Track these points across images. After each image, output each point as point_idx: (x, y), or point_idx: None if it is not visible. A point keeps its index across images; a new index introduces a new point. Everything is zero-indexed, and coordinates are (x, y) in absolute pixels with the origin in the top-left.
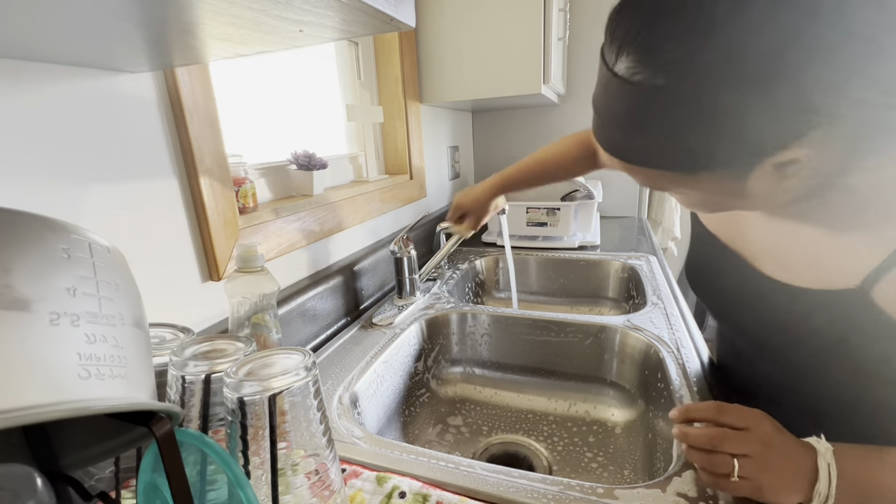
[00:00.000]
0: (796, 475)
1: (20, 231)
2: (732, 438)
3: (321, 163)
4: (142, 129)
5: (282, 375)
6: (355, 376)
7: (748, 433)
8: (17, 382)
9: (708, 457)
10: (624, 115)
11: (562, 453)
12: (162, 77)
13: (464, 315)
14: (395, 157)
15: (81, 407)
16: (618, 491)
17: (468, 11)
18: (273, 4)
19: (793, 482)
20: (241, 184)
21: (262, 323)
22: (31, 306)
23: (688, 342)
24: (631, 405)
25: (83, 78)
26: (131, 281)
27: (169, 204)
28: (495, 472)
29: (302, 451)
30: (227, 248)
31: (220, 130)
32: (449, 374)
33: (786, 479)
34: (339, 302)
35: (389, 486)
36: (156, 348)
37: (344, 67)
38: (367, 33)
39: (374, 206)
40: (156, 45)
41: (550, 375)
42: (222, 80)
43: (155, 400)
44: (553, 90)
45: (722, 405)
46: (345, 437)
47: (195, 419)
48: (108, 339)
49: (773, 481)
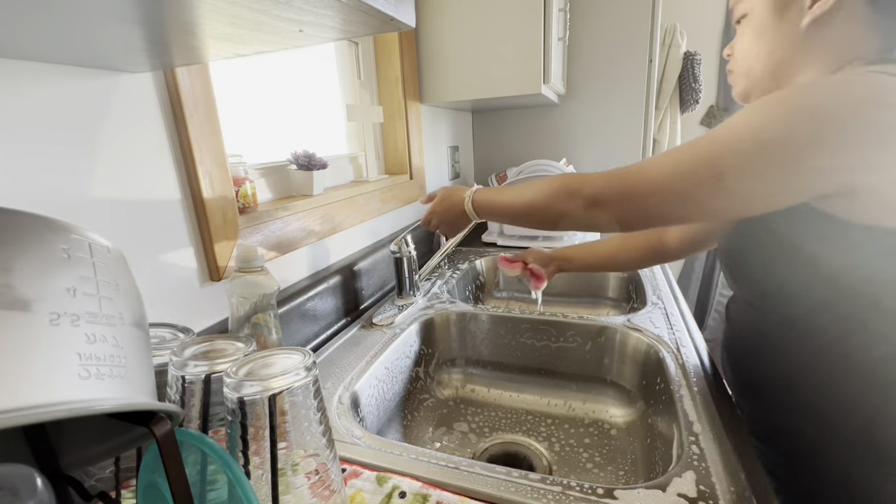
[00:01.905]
0: (458, 212)
1: (20, 231)
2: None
3: (321, 163)
4: (142, 129)
5: (282, 375)
6: (355, 376)
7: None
8: (17, 382)
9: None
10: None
11: (562, 453)
12: (162, 77)
13: (464, 315)
14: (395, 157)
15: (81, 407)
16: (618, 491)
17: (468, 11)
18: (273, 4)
19: (457, 215)
20: (241, 184)
21: (262, 323)
22: (32, 306)
23: (688, 342)
24: (631, 405)
25: (83, 78)
26: (131, 281)
27: (169, 204)
28: (495, 472)
29: (302, 451)
30: (227, 248)
31: (220, 130)
32: (449, 375)
33: (453, 216)
34: (339, 302)
35: (389, 486)
36: (156, 348)
37: (344, 67)
38: (367, 33)
39: (374, 206)
40: (156, 45)
41: (550, 375)
42: (222, 80)
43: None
44: (553, 90)
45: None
46: (345, 437)
47: (195, 419)
48: (108, 339)
49: (446, 220)
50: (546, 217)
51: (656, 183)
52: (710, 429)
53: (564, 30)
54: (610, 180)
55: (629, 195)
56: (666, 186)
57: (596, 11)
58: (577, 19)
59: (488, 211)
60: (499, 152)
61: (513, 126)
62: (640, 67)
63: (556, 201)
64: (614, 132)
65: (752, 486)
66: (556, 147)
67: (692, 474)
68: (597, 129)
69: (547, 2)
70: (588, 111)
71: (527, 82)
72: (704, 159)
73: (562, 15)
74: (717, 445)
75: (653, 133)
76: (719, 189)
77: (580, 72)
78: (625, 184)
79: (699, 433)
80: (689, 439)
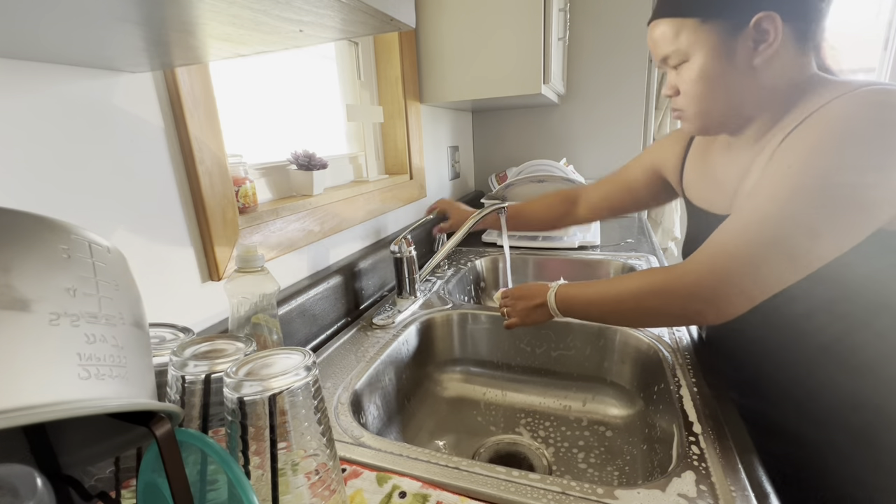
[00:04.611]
0: (538, 305)
1: (20, 231)
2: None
3: (321, 163)
4: (142, 129)
5: (282, 375)
6: (355, 376)
7: (508, 299)
8: (17, 382)
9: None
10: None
11: (561, 453)
12: (162, 77)
13: (464, 315)
14: (395, 157)
15: (81, 407)
16: (618, 491)
17: (468, 11)
18: (273, 4)
19: (536, 310)
20: (241, 184)
21: (262, 323)
22: (31, 306)
23: (688, 342)
24: (631, 405)
25: (83, 78)
26: (131, 281)
27: (169, 204)
28: (495, 472)
29: (302, 451)
30: (227, 248)
31: (220, 130)
32: (449, 374)
33: (531, 311)
34: (339, 302)
35: (389, 486)
36: (156, 348)
37: (344, 67)
38: (367, 33)
39: (374, 206)
40: (156, 45)
41: (550, 375)
42: (222, 79)
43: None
44: (553, 90)
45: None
46: (345, 437)
47: (195, 419)
48: (107, 339)
49: (527, 314)
50: (639, 315)
51: (746, 258)
52: (710, 429)
53: (564, 30)
54: (700, 270)
55: (726, 283)
56: (755, 259)
57: (596, 11)
58: (577, 19)
59: (572, 309)
60: (499, 152)
61: (513, 126)
62: (640, 67)
63: (648, 300)
64: (614, 132)
65: (752, 486)
66: (556, 147)
67: (692, 474)
68: (597, 129)
69: (547, 2)
70: (588, 111)
71: (527, 82)
72: (780, 223)
73: (562, 15)
74: (718, 445)
75: (653, 133)
76: (808, 246)
77: (580, 72)
78: (717, 269)
79: (699, 433)
80: (689, 439)
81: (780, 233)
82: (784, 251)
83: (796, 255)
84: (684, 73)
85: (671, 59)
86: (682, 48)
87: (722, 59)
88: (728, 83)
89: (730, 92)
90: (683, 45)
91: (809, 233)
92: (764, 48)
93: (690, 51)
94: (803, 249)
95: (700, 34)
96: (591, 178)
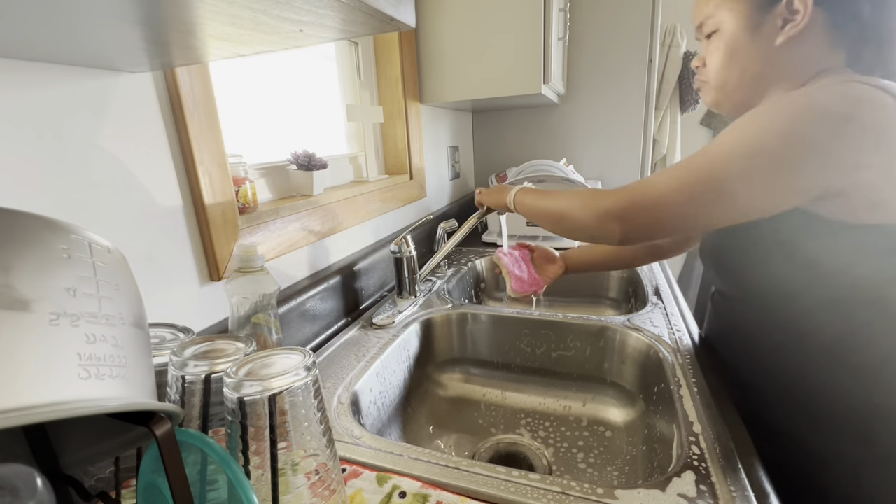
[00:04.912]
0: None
1: (20, 231)
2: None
3: (321, 163)
4: (142, 129)
5: (282, 375)
6: (355, 376)
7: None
8: (17, 382)
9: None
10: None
11: (562, 453)
12: (162, 77)
13: (464, 315)
14: (395, 157)
15: (81, 407)
16: (618, 491)
17: (468, 11)
18: (273, 4)
19: (498, 194)
20: (241, 184)
21: (262, 323)
22: (31, 306)
23: (688, 342)
24: (631, 405)
25: (83, 78)
26: (131, 281)
27: (169, 204)
28: (495, 472)
29: (302, 451)
30: (227, 248)
31: (220, 130)
32: (449, 375)
33: (493, 193)
34: (339, 302)
35: (389, 486)
36: (156, 348)
37: (344, 67)
38: (367, 33)
39: (374, 206)
40: (156, 45)
41: (550, 375)
42: (222, 80)
43: (155, 400)
44: (553, 90)
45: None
46: (345, 437)
47: (195, 419)
48: (107, 339)
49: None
50: (566, 226)
51: (657, 196)
52: (710, 429)
53: (564, 30)
54: (619, 195)
55: (634, 209)
56: (666, 198)
57: (596, 11)
58: (577, 19)
59: (524, 206)
60: (499, 152)
61: (513, 126)
62: (640, 67)
63: (574, 210)
64: (614, 132)
65: (752, 486)
66: (556, 147)
67: (692, 474)
68: (597, 129)
69: (547, 2)
70: (588, 111)
71: (527, 82)
72: (700, 174)
73: (562, 15)
74: (718, 445)
75: (653, 133)
76: (716, 200)
77: (580, 72)
78: (631, 198)
79: (699, 433)
80: (689, 439)
81: (711, 169)
82: (712, 187)
83: (723, 192)
84: (713, 42)
85: (705, 27)
86: (716, 17)
87: (748, 32)
88: (748, 56)
89: (748, 65)
90: (718, 12)
91: (739, 176)
92: (790, 28)
93: (723, 20)
94: (731, 189)
95: (731, 3)
96: (591, 178)
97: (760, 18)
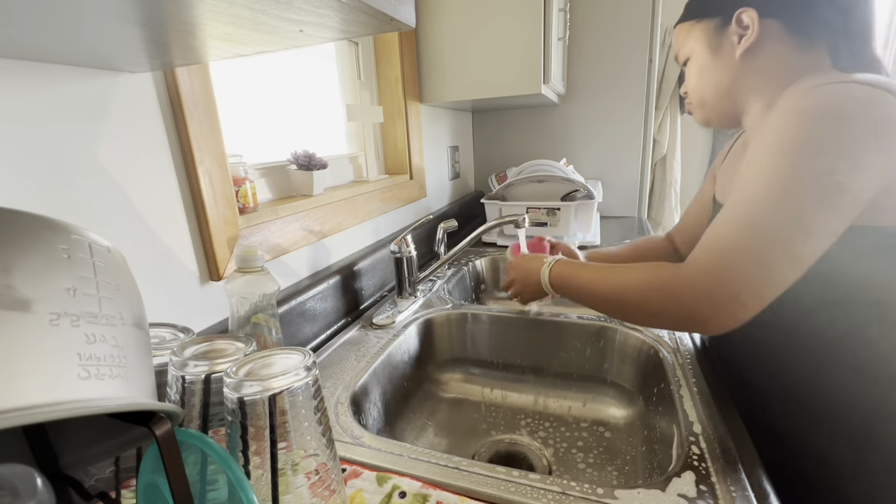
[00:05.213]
0: (536, 283)
1: (20, 231)
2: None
3: (321, 163)
4: (141, 129)
5: (282, 375)
6: (355, 376)
7: (510, 272)
8: (17, 382)
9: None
10: None
11: (561, 453)
12: (162, 77)
13: (464, 315)
14: (395, 157)
15: (81, 407)
16: (618, 491)
17: (468, 11)
18: (273, 4)
19: (535, 286)
20: (241, 184)
21: (262, 323)
22: (32, 306)
23: (688, 342)
24: (631, 405)
25: (83, 78)
26: (131, 281)
27: (169, 204)
28: (495, 472)
29: (302, 451)
30: (227, 248)
31: (220, 130)
32: (449, 374)
33: (530, 286)
34: (339, 302)
35: (389, 486)
36: (156, 348)
37: (344, 67)
38: (367, 33)
39: (374, 206)
40: (156, 45)
41: (550, 376)
42: (222, 80)
43: (155, 400)
44: (553, 90)
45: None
46: (345, 437)
47: (195, 419)
48: (108, 339)
49: (524, 289)
50: (640, 313)
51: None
52: (710, 429)
53: (564, 30)
54: (701, 275)
55: (729, 279)
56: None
57: (596, 11)
58: (577, 19)
59: (566, 289)
60: (499, 152)
61: (513, 126)
62: (640, 67)
63: (653, 299)
64: (614, 132)
65: (752, 486)
66: (556, 147)
67: (692, 474)
68: (597, 129)
69: (547, 2)
70: (588, 111)
71: (527, 82)
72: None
73: (562, 15)
74: (717, 445)
75: (653, 133)
76: (791, 254)
77: (580, 72)
78: (712, 268)
79: (699, 433)
80: (689, 439)
81: (774, 220)
82: (780, 240)
83: (792, 243)
84: (689, 68)
85: (680, 57)
86: (686, 46)
87: (710, 52)
88: (717, 72)
89: (719, 80)
90: (686, 43)
91: (802, 227)
92: (744, 41)
93: (691, 47)
94: (798, 240)
95: (695, 32)
96: (591, 178)
97: (719, 38)
